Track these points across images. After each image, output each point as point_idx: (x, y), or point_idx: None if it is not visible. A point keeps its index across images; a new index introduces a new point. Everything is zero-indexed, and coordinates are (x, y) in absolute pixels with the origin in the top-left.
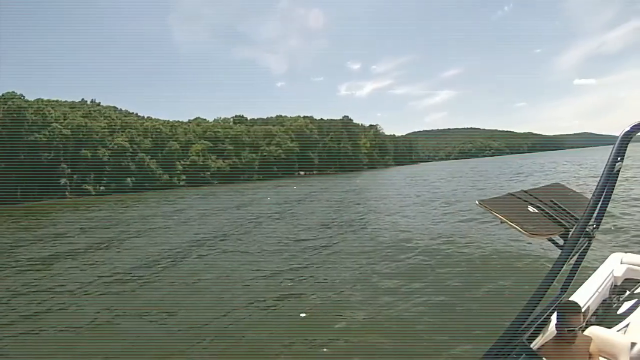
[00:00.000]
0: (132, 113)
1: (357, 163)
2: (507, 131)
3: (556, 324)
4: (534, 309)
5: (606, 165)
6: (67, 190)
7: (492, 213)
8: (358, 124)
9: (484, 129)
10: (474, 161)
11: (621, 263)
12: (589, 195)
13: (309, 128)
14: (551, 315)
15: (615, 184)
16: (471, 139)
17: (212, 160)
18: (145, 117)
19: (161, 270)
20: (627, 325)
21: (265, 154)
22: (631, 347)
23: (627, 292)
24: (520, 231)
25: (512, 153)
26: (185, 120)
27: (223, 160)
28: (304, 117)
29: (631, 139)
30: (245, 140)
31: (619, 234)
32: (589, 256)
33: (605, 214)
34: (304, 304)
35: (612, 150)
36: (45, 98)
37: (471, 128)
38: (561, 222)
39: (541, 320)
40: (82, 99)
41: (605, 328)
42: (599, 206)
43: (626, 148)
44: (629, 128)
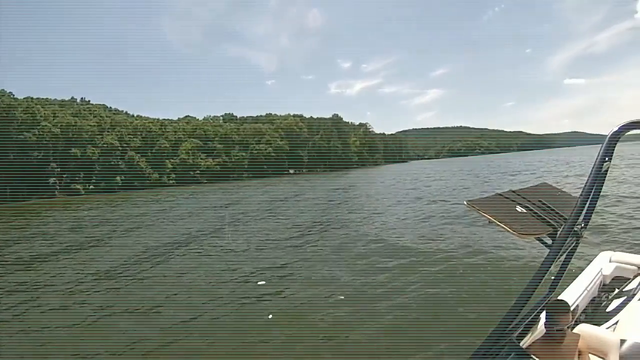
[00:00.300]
0: (122, 111)
1: (346, 162)
2: (497, 130)
3: (545, 323)
4: (522, 308)
5: (594, 165)
6: (57, 190)
7: (480, 213)
8: (348, 123)
9: (473, 128)
10: (464, 160)
11: (610, 261)
12: (577, 195)
13: (299, 126)
14: (540, 314)
15: (603, 183)
16: (461, 137)
17: (201, 159)
18: (135, 115)
19: (145, 269)
20: (616, 323)
21: (255, 152)
22: (621, 344)
23: (616, 290)
24: (508, 231)
25: (502, 152)
26: (175, 118)
27: (212, 159)
28: (294, 116)
29: (619, 139)
30: (234, 138)
31: (606, 232)
32: (578, 255)
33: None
34: (280, 303)
35: (600, 150)
36: (35, 96)
37: (461, 127)
38: (549, 222)
39: (530, 319)
40: (72, 98)
41: (595, 326)
42: (587, 205)
43: (614, 148)
44: (616, 128)
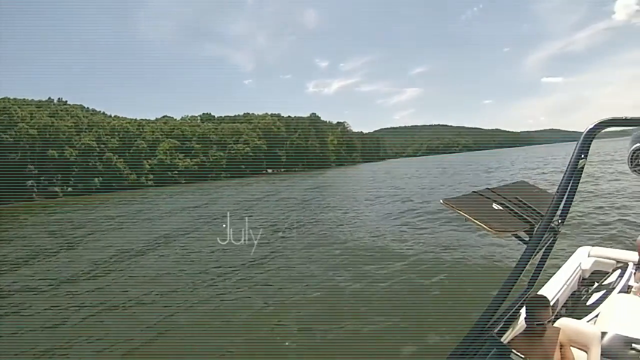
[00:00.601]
0: (99, 112)
1: (324, 160)
2: (475, 128)
3: (525, 318)
4: (501, 304)
5: (570, 162)
6: (35, 192)
7: (456, 211)
8: (326, 122)
9: (451, 126)
10: (441, 158)
11: (588, 256)
12: (554, 191)
13: (277, 126)
14: (520, 310)
15: (579, 180)
16: (439, 135)
17: (179, 159)
18: (112, 115)
19: (123, 269)
20: (596, 316)
21: (233, 152)
22: (602, 337)
23: (596, 284)
24: (485, 229)
25: (479, 149)
26: (153, 118)
27: (190, 159)
28: (272, 115)
29: (595, 136)
30: (212, 138)
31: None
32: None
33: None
34: (256, 300)
35: (576, 147)
36: (12, 97)
37: (439, 125)
38: (526, 219)
39: (510, 314)
40: (49, 98)
41: (576, 319)
42: (563, 202)
43: (590, 145)
44: (592, 126)
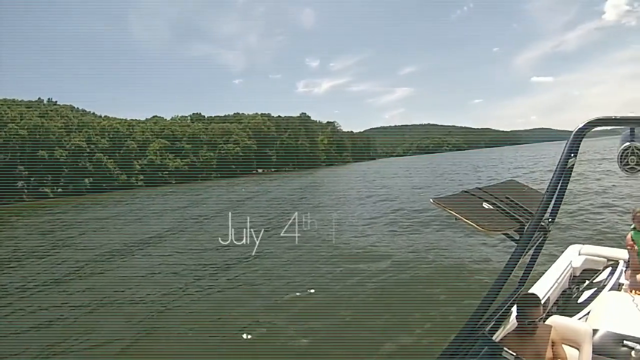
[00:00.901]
0: (89, 112)
1: (314, 160)
2: (465, 127)
3: (516, 316)
4: (492, 302)
5: (560, 161)
6: (25, 193)
7: (446, 211)
8: (316, 121)
9: (441, 125)
10: (432, 157)
11: (579, 254)
12: (544, 190)
13: (267, 125)
14: (511, 308)
15: (569, 179)
16: (429, 135)
17: (169, 160)
18: (102, 116)
19: (111, 269)
20: (588, 314)
21: (223, 152)
22: (593, 334)
23: (587, 282)
24: (475, 228)
25: (469, 148)
26: (143, 118)
27: (181, 160)
28: (262, 115)
29: (584, 135)
30: (202, 138)
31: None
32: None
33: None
34: (237, 298)
35: (566, 147)
36: (1, 97)
37: (429, 124)
38: (516, 218)
39: (501, 312)
40: (39, 98)
41: (567, 317)
42: (553, 200)
43: (579, 144)
44: (581, 125)
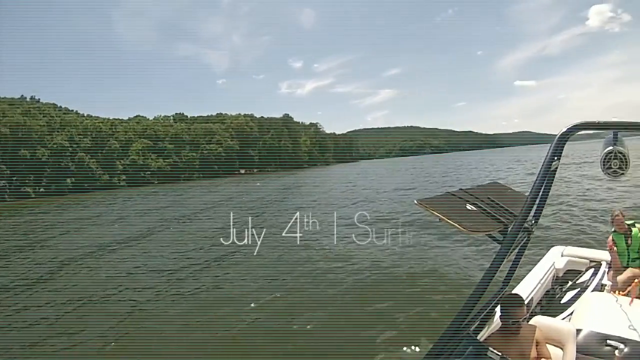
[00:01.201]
0: (72, 111)
1: (297, 161)
2: (447, 130)
3: (500, 316)
4: (476, 303)
5: (543, 164)
6: (7, 193)
7: (430, 212)
8: (299, 122)
9: (424, 128)
10: (413, 159)
11: (562, 256)
12: (527, 192)
13: (250, 126)
14: (495, 308)
15: (552, 181)
16: (411, 136)
17: (152, 160)
18: (85, 115)
19: (91, 268)
20: (571, 314)
21: (206, 152)
22: (577, 334)
23: (569, 283)
24: (459, 229)
25: (452, 151)
26: (126, 118)
27: (163, 160)
28: (245, 115)
29: (568, 139)
30: (185, 138)
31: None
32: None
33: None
34: (216, 300)
35: (549, 150)
36: None
37: (412, 126)
38: (500, 219)
39: (485, 313)
40: (22, 96)
41: (551, 317)
42: (536, 202)
43: (563, 148)
44: (565, 129)
